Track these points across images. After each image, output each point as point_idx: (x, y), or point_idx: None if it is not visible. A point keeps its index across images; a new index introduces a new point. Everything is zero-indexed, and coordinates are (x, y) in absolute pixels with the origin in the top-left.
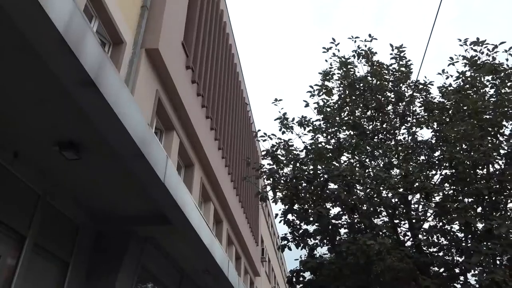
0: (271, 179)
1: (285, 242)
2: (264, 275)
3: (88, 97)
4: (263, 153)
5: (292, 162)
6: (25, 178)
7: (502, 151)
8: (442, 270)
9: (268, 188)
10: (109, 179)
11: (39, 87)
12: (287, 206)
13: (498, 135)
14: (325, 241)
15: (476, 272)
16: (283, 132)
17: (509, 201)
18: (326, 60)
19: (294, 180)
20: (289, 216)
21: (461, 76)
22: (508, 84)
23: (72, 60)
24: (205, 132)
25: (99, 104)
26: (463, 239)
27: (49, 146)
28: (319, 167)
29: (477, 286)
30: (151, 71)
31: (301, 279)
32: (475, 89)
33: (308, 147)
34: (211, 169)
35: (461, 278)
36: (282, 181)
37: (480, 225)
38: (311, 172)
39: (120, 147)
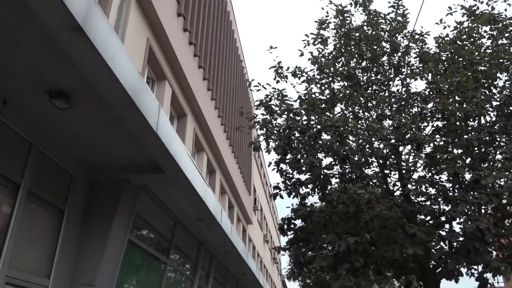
0: (264, 129)
1: (278, 190)
2: (256, 223)
3: (76, 44)
4: (256, 103)
5: (285, 113)
6: (16, 127)
7: (494, 103)
8: (428, 218)
9: (261, 138)
10: (101, 128)
11: (26, 34)
12: (280, 156)
13: (492, 87)
14: (316, 190)
15: (461, 220)
16: (277, 81)
17: (497, 152)
18: (323, 8)
19: (287, 130)
20: (282, 166)
21: (458, 26)
22: (506, 35)
23: (58, 4)
24: (197, 82)
25: (88, 51)
26: (451, 189)
27: (39, 94)
28: (312, 117)
29: (461, 233)
30: (142, 19)
31: (292, 226)
32: (472, 40)
33: (302, 97)
34: (204, 119)
35: (447, 226)
36: (275, 131)
37: (468, 176)
38: (304, 122)
39: (111, 96)
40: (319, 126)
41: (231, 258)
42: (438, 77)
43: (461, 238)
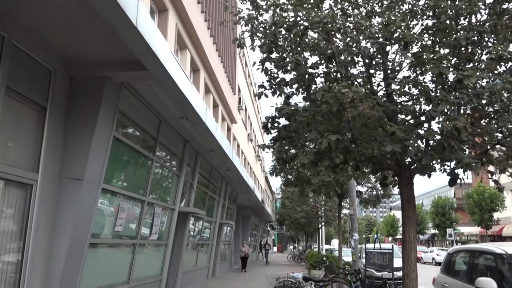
0: (249, 25)
1: (262, 89)
2: (240, 122)
3: None
4: None
5: (272, 8)
6: None
7: (487, 1)
8: (409, 117)
9: (246, 34)
10: (77, 22)
11: None
12: (265, 54)
13: None
14: (301, 89)
15: (440, 119)
16: None
17: (484, 52)
18: None
19: (273, 27)
20: (267, 65)
21: None
22: None
23: None
24: None
25: None
26: (434, 89)
27: None
28: (299, 14)
29: (438, 132)
30: None
31: (276, 124)
32: None
33: None
34: (187, 14)
35: (426, 125)
36: (261, 28)
37: (452, 76)
38: (291, 19)
39: None
40: (306, 23)
41: (216, 155)
42: None
43: (438, 137)
